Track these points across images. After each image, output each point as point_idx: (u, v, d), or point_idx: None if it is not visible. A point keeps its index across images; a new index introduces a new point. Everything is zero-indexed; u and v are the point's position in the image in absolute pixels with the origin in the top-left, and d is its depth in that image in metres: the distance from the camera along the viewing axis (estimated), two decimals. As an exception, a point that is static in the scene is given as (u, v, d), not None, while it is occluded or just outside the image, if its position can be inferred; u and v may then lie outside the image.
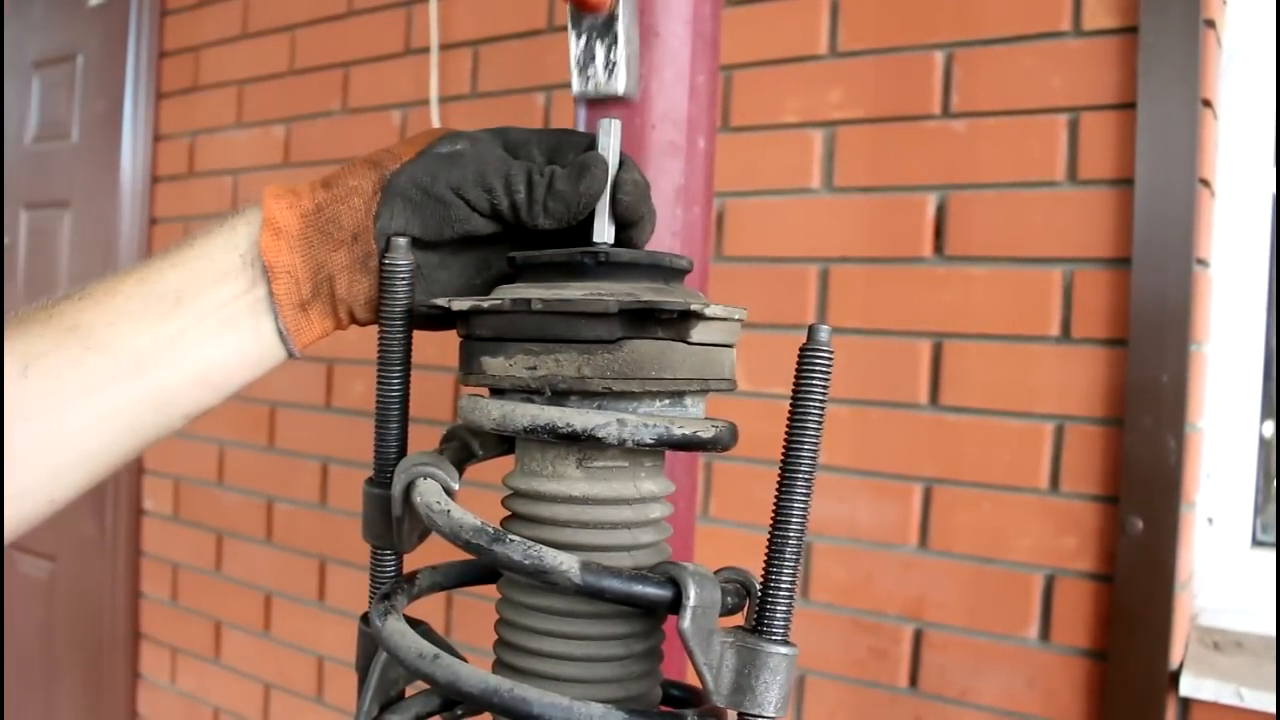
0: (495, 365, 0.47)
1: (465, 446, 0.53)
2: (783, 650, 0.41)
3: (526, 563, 0.42)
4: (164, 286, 0.49)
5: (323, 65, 1.85)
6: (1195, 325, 1.09)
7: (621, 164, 0.50)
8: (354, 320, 0.53)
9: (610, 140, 0.50)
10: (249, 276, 0.50)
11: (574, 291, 0.45)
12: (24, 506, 0.47)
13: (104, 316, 0.48)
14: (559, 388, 0.45)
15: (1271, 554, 1.16)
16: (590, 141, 0.51)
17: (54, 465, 0.47)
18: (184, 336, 0.49)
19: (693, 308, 0.44)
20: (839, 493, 1.28)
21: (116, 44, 2.18)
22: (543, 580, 0.42)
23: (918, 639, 1.23)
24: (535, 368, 0.45)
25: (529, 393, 0.46)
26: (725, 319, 0.47)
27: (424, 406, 0.60)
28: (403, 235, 0.50)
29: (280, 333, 0.51)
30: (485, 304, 0.46)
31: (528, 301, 0.45)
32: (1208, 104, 1.10)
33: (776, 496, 0.42)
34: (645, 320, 0.44)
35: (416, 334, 0.52)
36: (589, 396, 0.45)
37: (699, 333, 0.45)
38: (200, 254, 0.50)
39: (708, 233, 0.84)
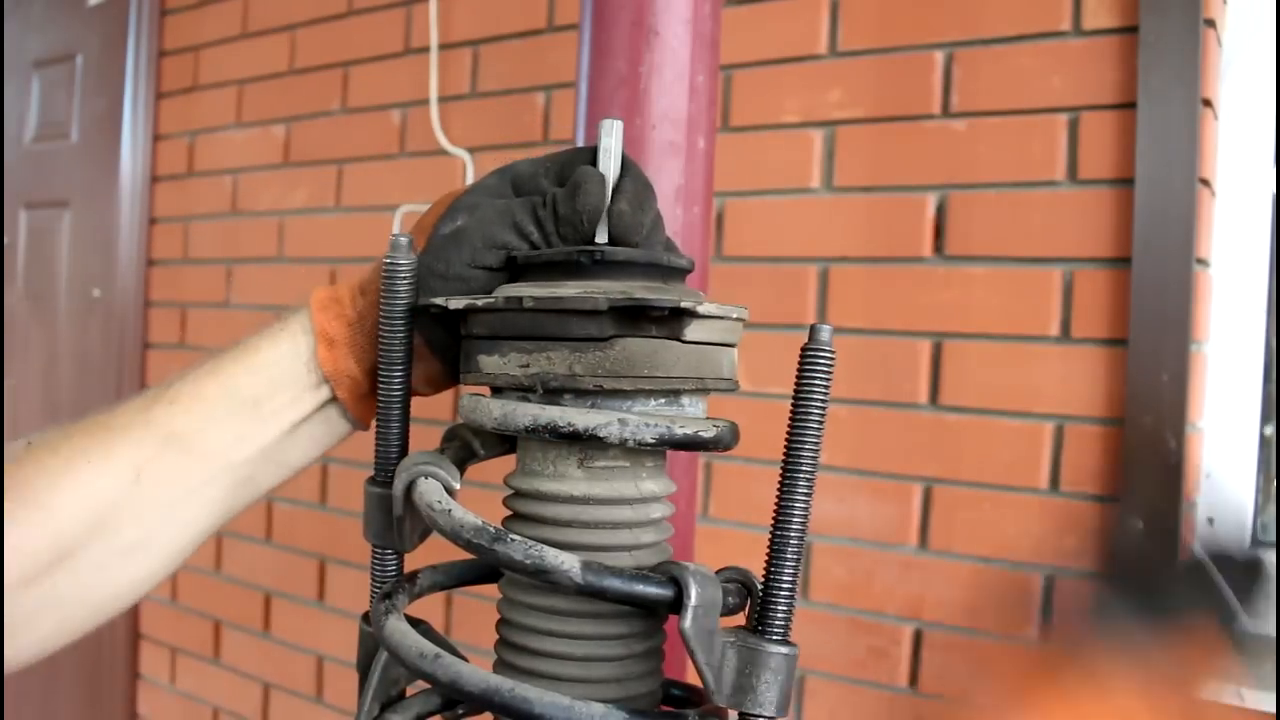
0: (490, 363, 0.47)
1: (466, 446, 0.53)
2: (784, 650, 0.41)
3: (528, 562, 0.42)
4: (243, 394, 0.55)
5: (323, 65, 1.85)
6: (1195, 325, 1.09)
7: (622, 183, 0.50)
8: (416, 394, 0.57)
9: (611, 142, 0.50)
10: (315, 379, 0.55)
11: (567, 290, 0.45)
12: (144, 589, 0.55)
13: (196, 423, 0.54)
14: (551, 385, 0.45)
15: (1271, 554, 1.16)
16: (594, 155, 0.51)
17: (165, 557, 0.55)
18: (264, 435, 0.55)
19: (683, 305, 0.44)
20: (839, 493, 1.28)
21: (116, 44, 2.18)
22: (544, 580, 0.42)
23: (918, 639, 1.23)
24: (528, 365, 0.45)
25: (523, 390, 0.46)
26: (721, 317, 0.47)
27: (425, 406, 0.61)
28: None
29: (349, 420, 0.57)
30: (480, 303, 0.46)
31: (520, 299, 0.45)
32: (1208, 104, 1.10)
33: (778, 496, 0.42)
34: (637, 318, 0.44)
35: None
36: (581, 395, 0.45)
37: (693, 331, 0.45)
38: (270, 361, 0.55)
39: (708, 233, 0.84)
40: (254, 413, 0.54)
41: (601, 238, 0.49)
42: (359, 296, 0.55)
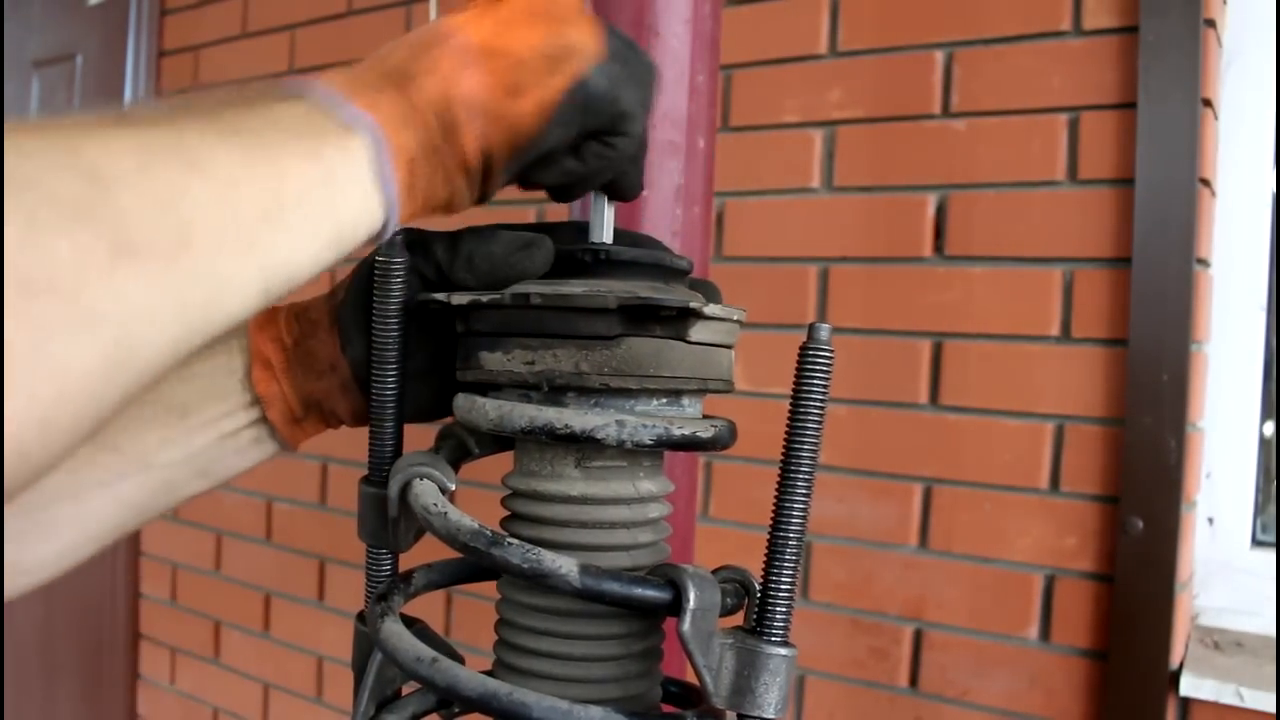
0: (493, 360, 0.46)
1: (461, 445, 0.52)
2: (782, 651, 0.41)
3: (525, 566, 0.41)
4: (172, 399, 0.53)
5: (323, 65, 1.84)
6: (1195, 325, 1.09)
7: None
8: (345, 424, 0.57)
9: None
10: (248, 397, 0.54)
11: (574, 288, 0.45)
12: (38, 577, 0.52)
13: (118, 421, 0.53)
14: (556, 383, 0.45)
15: (1271, 554, 1.16)
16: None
17: (66, 543, 0.53)
18: (190, 443, 0.53)
19: (692, 306, 0.44)
20: (839, 493, 1.28)
21: (116, 44, 2.18)
22: (542, 583, 0.42)
23: (918, 639, 1.23)
24: (533, 363, 0.45)
25: (526, 388, 0.46)
26: (724, 319, 0.47)
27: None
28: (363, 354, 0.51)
29: (278, 441, 0.56)
30: (485, 299, 0.46)
31: (526, 296, 0.45)
32: (1208, 104, 1.10)
33: (776, 496, 0.42)
34: (644, 318, 0.44)
35: None
36: (586, 393, 0.45)
37: (698, 332, 0.45)
38: (203, 372, 0.54)
39: (708, 233, 0.84)
40: (181, 420, 0.53)
41: (598, 220, 0.49)
42: (294, 323, 0.54)
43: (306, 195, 0.36)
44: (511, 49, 0.43)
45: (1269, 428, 1.21)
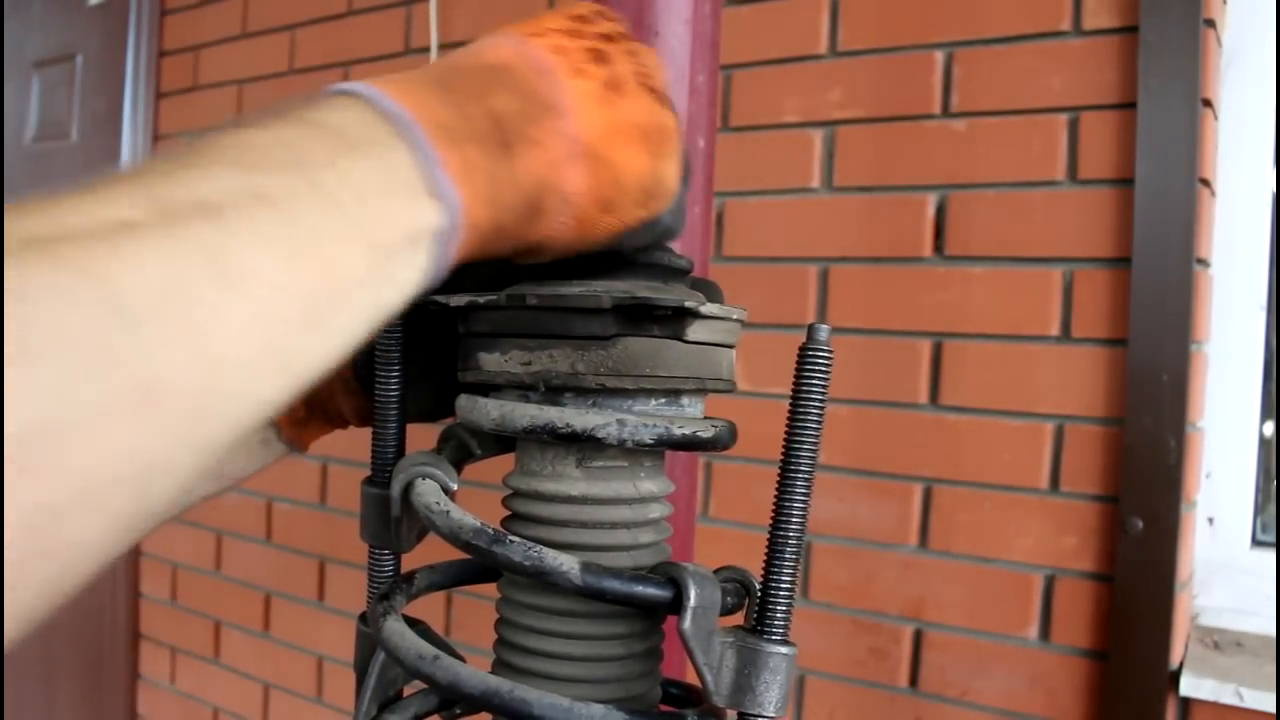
0: (490, 361, 0.47)
1: (463, 446, 0.53)
2: (783, 650, 0.41)
3: (527, 564, 0.41)
4: None
5: (323, 65, 1.85)
6: (1195, 325, 1.09)
7: None
8: (350, 424, 0.58)
9: None
10: None
11: (570, 288, 0.45)
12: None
13: None
14: (553, 383, 0.45)
15: (1271, 554, 1.16)
16: None
17: None
18: None
19: (688, 305, 0.44)
20: (839, 493, 1.28)
21: (116, 44, 2.18)
22: (543, 581, 0.42)
23: (918, 639, 1.23)
24: (530, 363, 0.45)
25: (523, 389, 0.46)
26: (722, 318, 0.47)
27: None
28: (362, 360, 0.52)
29: (284, 443, 0.57)
30: (481, 300, 0.46)
31: (523, 297, 0.45)
32: (1208, 104, 1.10)
33: (776, 496, 0.42)
34: (640, 317, 0.44)
35: None
36: (583, 393, 0.45)
37: (695, 331, 0.45)
38: None
39: (708, 233, 0.84)
40: None
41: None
42: None
43: (356, 290, 0.33)
44: (617, 165, 0.42)
45: (1269, 428, 1.21)
